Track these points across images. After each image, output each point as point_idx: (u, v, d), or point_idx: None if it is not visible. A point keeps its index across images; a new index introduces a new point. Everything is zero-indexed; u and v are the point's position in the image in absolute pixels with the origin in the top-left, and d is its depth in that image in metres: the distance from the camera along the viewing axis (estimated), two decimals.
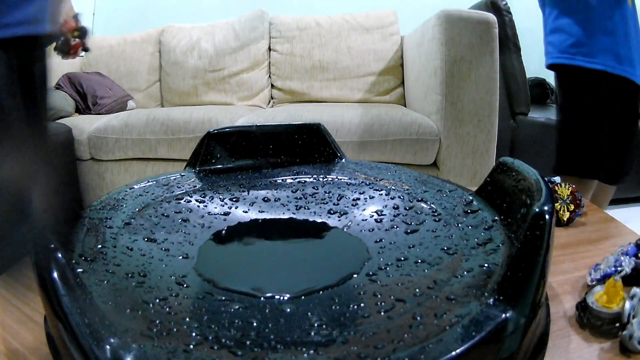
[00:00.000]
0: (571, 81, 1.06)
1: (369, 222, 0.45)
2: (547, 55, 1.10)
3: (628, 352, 0.31)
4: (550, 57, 1.08)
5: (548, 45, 1.09)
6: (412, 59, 1.68)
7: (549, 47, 1.09)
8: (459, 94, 1.31)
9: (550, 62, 1.08)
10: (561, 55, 1.04)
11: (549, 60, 1.09)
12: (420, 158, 1.37)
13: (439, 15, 1.32)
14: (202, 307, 0.32)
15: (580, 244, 0.50)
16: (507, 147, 1.79)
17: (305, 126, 0.61)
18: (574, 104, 1.07)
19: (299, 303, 0.32)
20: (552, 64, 1.08)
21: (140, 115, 1.56)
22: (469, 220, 0.41)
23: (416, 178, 0.53)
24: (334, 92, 1.89)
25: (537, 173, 0.37)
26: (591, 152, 1.06)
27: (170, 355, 0.25)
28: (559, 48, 1.05)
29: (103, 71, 2.02)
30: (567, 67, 1.04)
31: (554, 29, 1.06)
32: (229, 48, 1.93)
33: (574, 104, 1.07)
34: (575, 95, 1.06)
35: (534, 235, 0.29)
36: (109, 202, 0.46)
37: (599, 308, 0.34)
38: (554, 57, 1.07)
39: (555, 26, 1.06)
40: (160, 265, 0.37)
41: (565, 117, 1.11)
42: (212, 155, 0.58)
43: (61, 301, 0.25)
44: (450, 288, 0.31)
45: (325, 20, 1.93)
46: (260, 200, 0.51)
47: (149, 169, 1.57)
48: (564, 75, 1.08)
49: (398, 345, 0.25)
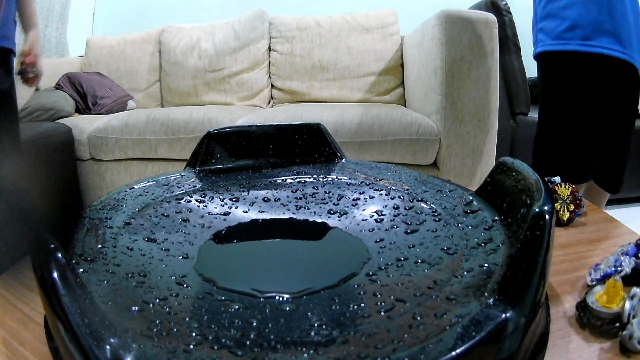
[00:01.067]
0: (564, 70, 0.95)
1: (369, 222, 0.45)
2: (537, 44, 0.99)
3: (628, 352, 0.31)
4: (541, 44, 0.98)
5: (539, 33, 0.98)
6: (412, 59, 1.68)
7: (540, 34, 0.98)
8: (459, 94, 1.31)
9: (542, 50, 0.98)
10: (555, 42, 0.94)
11: (540, 48, 0.98)
12: (420, 158, 1.37)
13: (439, 15, 1.32)
14: (202, 307, 0.32)
15: (580, 244, 0.50)
16: (507, 147, 1.79)
17: (305, 126, 0.61)
18: (565, 96, 0.96)
19: (299, 303, 0.32)
20: (543, 51, 0.97)
21: (140, 115, 1.56)
22: (469, 220, 0.41)
23: (416, 178, 0.53)
24: (334, 92, 1.89)
25: (537, 173, 0.37)
26: (579, 154, 0.97)
27: (170, 355, 0.25)
28: (553, 34, 0.94)
29: (103, 71, 2.02)
30: (561, 54, 0.94)
31: (546, 15, 0.96)
32: (229, 48, 1.93)
33: (565, 96, 0.96)
34: (568, 87, 0.95)
35: (534, 235, 0.29)
36: (109, 202, 0.46)
37: (599, 308, 0.34)
38: (546, 45, 0.96)
39: (547, 12, 0.96)
40: (160, 265, 0.37)
41: (552, 113, 1.00)
42: (212, 155, 0.58)
43: (61, 301, 0.25)
44: (450, 288, 0.31)
45: (325, 20, 1.93)
46: (260, 200, 0.51)
47: (149, 169, 1.57)
48: (555, 65, 0.97)
49: (398, 345, 0.25)
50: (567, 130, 0.98)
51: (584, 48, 0.91)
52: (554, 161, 1.00)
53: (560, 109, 0.99)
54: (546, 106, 1.03)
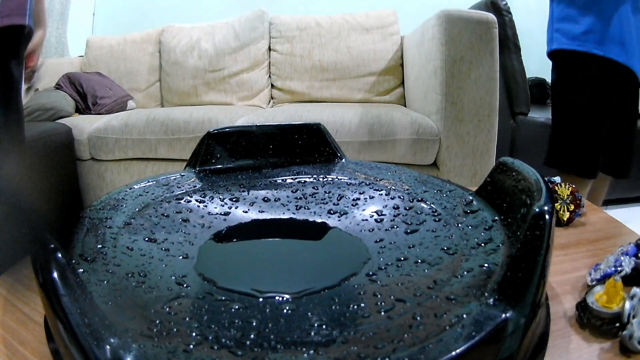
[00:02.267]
0: (578, 68, 1.05)
1: (369, 222, 0.45)
2: (553, 42, 1.09)
3: (628, 352, 0.31)
4: (557, 42, 1.07)
5: (556, 33, 1.08)
6: (412, 59, 1.68)
7: (556, 34, 1.08)
8: (459, 94, 1.31)
9: (558, 47, 1.07)
10: (572, 42, 1.04)
11: (556, 45, 1.08)
12: (420, 158, 1.37)
13: (439, 15, 1.32)
14: (202, 307, 0.32)
15: (580, 244, 0.50)
16: (507, 147, 1.79)
17: (305, 126, 0.61)
18: (578, 91, 1.06)
19: (299, 303, 0.32)
20: (559, 49, 1.07)
21: (140, 115, 1.56)
22: (469, 220, 0.41)
23: (416, 178, 0.53)
24: (334, 92, 1.89)
25: (537, 173, 0.37)
26: (588, 147, 1.06)
27: (170, 355, 0.25)
28: (569, 35, 1.05)
29: (103, 71, 2.02)
30: (576, 54, 1.04)
31: (564, 17, 1.06)
32: (229, 48, 1.93)
33: (578, 91, 1.06)
34: (581, 83, 1.05)
35: (534, 235, 0.29)
36: (109, 202, 0.46)
37: (599, 308, 0.34)
38: (563, 43, 1.06)
39: (566, 14, 1.06)
40: (160, 265, 0.37)
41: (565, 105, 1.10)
42: (212, 155, 0.58)
43: (61, 301, 0.25)
44: (450, 288, 0.31)
45: (325, 20, 1.93)
46: (260, 200, 0.51)
47: (149, 169, 1.57)
48: (569, 62, 1.07)
49: (398, 345, 0.25)
50: (576, 124, 1.07)
51: (599, 52, 1.01)
52: (567, 155, 1.08)
53: (570, 104, 1.08)
54: (557, 101, 1.13)
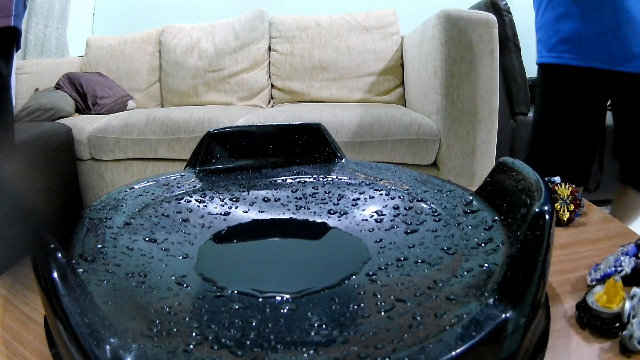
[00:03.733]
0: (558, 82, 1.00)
1: (369, 222, 0.45)
2: (537, 54, 1.05)
3: (628, 352, 0.31)
4: (539, 56, 1.04)
5: (537, 43, 1.04)
6: (412, 59, 1.68)
7: (538, 44, 1.04)
8: (459, 94, 1.31)
9: (538, 62, 1.04)
10: (548, 55, 1.00)
11: (538, 59, 1.04)
12: (420, 158, 1.37)
13: (439, 15, 1.32)
14: (202, 307, 0.32)
15: (580, 244, 0.50)
16: (507, 147, 1.79)
17: (305, 126, 0.61)
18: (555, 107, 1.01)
19: (299, 303, 0.32)
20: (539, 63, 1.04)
21: (140, 115, 1.56)
22: (469, 220, 0.41)
23: (416, 178, 0.53)
24: (334, 92, 1.89)
25: (537, 173, 0.37)
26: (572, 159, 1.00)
27: (170, 355, 0.25)
28: (546, 45, 1.00)
29: (103, 71, 2.02)
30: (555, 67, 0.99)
31: (540, 26, 1.02)
32: (229, 48, 1.93)
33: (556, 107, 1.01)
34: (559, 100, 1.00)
35: (534, 235, 0.29)
36: (109, 202, 0.46)
37: (599, 308, 0.34)
38: (543, 57, 1.02)
39: (542, 23, 1.01)
40: (160, 265, 0.37)
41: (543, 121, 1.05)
42: (212, 155, 0.58)
43: (61, 301, 0.25)
44: (450, 288, 0.31)
45: (325, 20, 1.93)
46: (260, 200, 0.50)
47: (149, 169, 1.57)
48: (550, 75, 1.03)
49: (398, 345, 0.25)
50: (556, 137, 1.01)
51: (574, 62, 0.95)
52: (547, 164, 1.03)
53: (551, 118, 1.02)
54: (538, 113, 1.07)
